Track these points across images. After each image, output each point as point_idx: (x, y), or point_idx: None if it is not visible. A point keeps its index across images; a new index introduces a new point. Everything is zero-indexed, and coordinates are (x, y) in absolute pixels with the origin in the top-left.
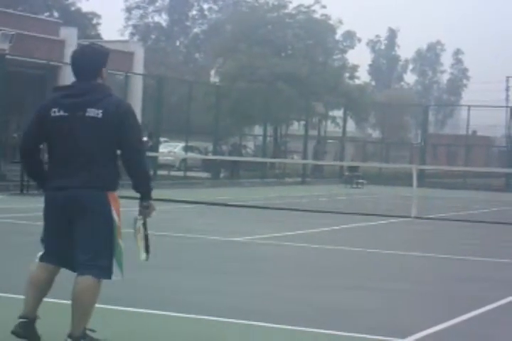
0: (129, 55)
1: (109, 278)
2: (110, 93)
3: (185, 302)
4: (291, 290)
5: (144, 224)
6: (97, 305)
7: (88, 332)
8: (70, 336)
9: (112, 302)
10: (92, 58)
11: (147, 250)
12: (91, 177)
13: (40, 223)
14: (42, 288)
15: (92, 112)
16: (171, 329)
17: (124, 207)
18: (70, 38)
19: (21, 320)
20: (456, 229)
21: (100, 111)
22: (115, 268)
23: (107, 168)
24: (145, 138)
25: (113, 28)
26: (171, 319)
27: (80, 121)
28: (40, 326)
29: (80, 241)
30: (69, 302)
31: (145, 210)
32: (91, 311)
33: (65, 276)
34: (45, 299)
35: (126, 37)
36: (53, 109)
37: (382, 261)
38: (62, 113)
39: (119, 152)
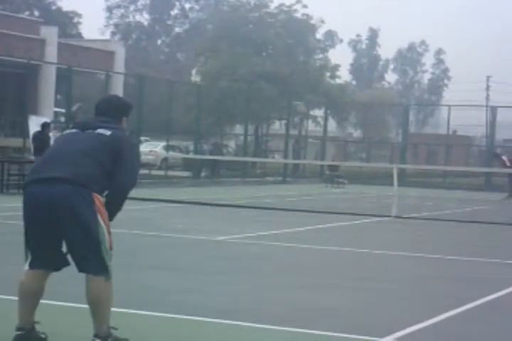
0: (110, 54)
1: (107, 274)
2: (122, 129)
3: (170, 302)
4: (273, 289)
5: None
6: (81, 305)
7: (112, 331)
8: (96, 336)
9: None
10: (117, 105)
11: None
12: (80, 173)
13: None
14: (35, 297)
15: (102, 131)
16: (156, 329)
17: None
18: (51, 36)
19: (18, 332)
20: (436, 228)
21: (109, 131)
22: (109, 265)
23: (97, 173)
24: None
25: (94, 27)
26: (156, 319)
27: (86, 135)
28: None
29: (72, 243)
30: (63, 303)
31: None
32: (109, 308)
33: (56, 278)
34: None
35: (107, 36)
36: (68, 130)
37: (363, 260)
38: (74, 130)
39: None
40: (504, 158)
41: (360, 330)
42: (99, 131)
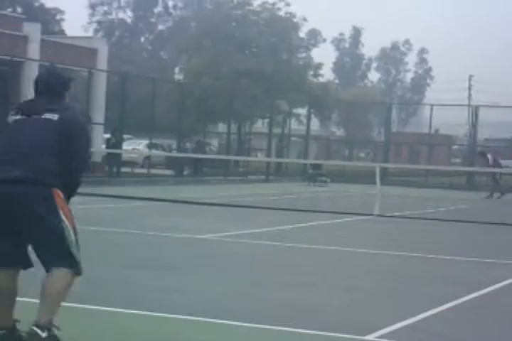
0: (93, 52)
1: (73, 268)
2: (70, 107)
3: (151, 300)
4: (256, 288)
5: None
6: (64, 304)
7: (53, 328)
8: (36, 325)
9: (76, 301)
10: (60, 81)
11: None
12: (35, 172)
13: None
14: (6, 295)
15: (48, 115)
16: (137, 327)
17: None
18: (33, 33)
19: None
20: (418, 227)
21: (56, 115)
22: (76, 259)
23: (51, 166)
24: (108, 136)
25: (77, 24)
26: (137, 317)
27: (34, 122)
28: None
29: (39, 244)
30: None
31: None
32: (60, 302)
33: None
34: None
35: (90, 33)
36: (12, 116)
37: (346, 259)
38: (19, 117)
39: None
40: (489, 156)
41: (343, 328)
42: (47, 115)
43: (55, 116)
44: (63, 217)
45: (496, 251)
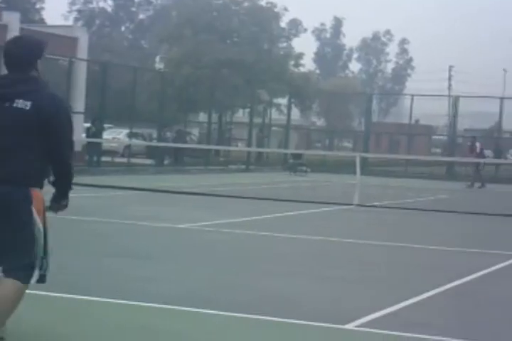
0: (73, 41)
1: (29, 282)
2: (44, 86)
3: (130, 289)
4: (236, 277)
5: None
6: (39, 292)
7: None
8: None
9: (54, 289)
10: (27, 49)
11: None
12: (10, 171)
13: None
14: None
15: (20, 103)
16: (115, 316)
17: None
18: (13, 22)
19: None
20: (398, 216)
21: (29, 102)
22: (36, 271)
23: (29, 163)
24: (88, 125)
25: (57, 12)
26: (116, 306)
27: (5, 112)
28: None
29: (2, 244)
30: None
31: (58, 207)
32: (10, 314)
33: None
34: None
35: (70, 22)
36: None
37: (326, 248)
38: None
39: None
40: (478, 144)
41: (323, 318)
42: (19, 104)
43: (27, 105)
44: (36, 220)
45: (476, 241)
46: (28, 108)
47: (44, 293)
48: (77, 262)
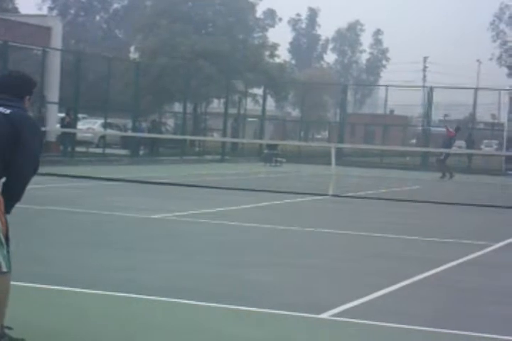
0: (47, 30)
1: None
2: (25, 110)
3: (108, 280)
4: (214, 267)
5: None
6: (21, 284)
7: (6, 330)
8: None
9: (37, 281)
10: (20, 82)
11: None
12: None
13: None
14: None
15: (1, 109)
16: (94, 307)
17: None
18: None
19: None
20: (373, 207)
21: (9, 110)
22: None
23: None
24: (62, 115)
25: (31, 1)
26: (94, 297)
27: None
28: None
29: None
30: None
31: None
32: (4, 306)
33: None
34: None
35: (44, 11)
36: None
37: (299, 238)
38: None
39: None
40: (450, 129)
41: (298, 307)
42: (0, 109)
43: (6, 111)
44: None
45: (450, 231)
46: (7, 112)
47: (22, 284)
48: (52, 252)
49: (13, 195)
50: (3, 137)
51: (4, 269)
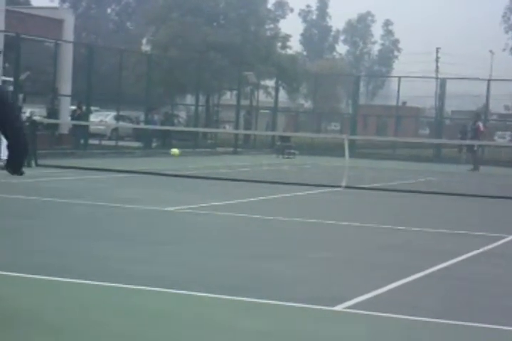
0: (59, 23)
1: None
2: None
3: (118, 272)
4: (225, 259)
5: None
6: (27, 275)
7: None
8: None
9: (43, 272)
10: None
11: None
12: None
13: None
14: None
15: None
16: (103, 299)
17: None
18: None
19: None
20: (386, 199)
21: None
22: None
23: None
24: (73, 107)
25: None
26: (104, 289)
27: None
28: None
29: None
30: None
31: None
32: None
33: None
34: None
35: (56, 3)
36: None
37: (313, 231)
38: None
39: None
40: (480, 124)
41: (311, 300)
42: None
43: None
44: None
45: (464, 223)
46: None
47: (42, 277)
48: (64, 245)
49: (21, 152)
50: None
51: None
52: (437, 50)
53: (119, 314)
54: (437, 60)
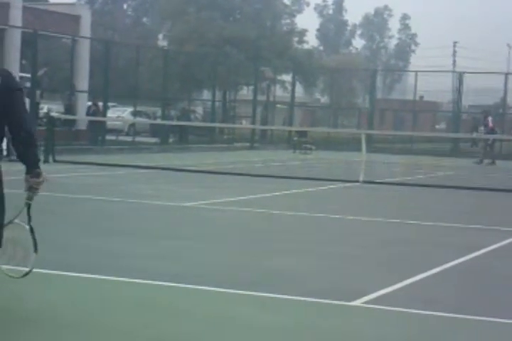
0: (76, 19)
1: None
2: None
3: (134, 267)
4: (241, 255)
5: (29, 210)
6: (48, 271)
7: None
8: None
9: (63, 268)
10: None
11: (35, 248)
12: None
13: None
14: None
15: None
16: (121, 294)
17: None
18: (15, 0)
19: None
20: (404, 193)
21: None
22: None
23: None
24: (89, 103)
25: None
26: (121, 284)
27: None
28: None
29: None
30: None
31: (35, 182)
32: None
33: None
34: None
35: (73, 0)
36: None
37: (330, 226)
38: None
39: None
40: (490, 119)
41: (329, 294)
42: None
43: None
44: None
45: (483, 217)
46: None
47: (62, 273)
48: (82, 241)
49: (31, 152)
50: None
51: None
52: (454, 44)
53: (137, 310)
54: (454, 54)
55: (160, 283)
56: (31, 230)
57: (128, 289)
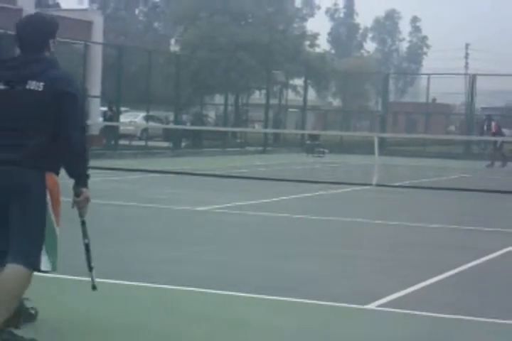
0: (88, 24)
1: (39, 268)
2: (55, 66)
3: (154, 272)
4: (255, 258)
5: (82, 227)
6: (69, 277)
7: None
8: None
9: (84, 274)
10: (39, 29)
11: (90, 266)
12: (25, 155)
13: None
14: None
15: (33, 85)
16: (140, 299)
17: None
18: (28, 6)
19: None
20: (417, 196)
21: (42, 83)
22: (44, 258)
23: (43, 146)
24: (104, 109)
25: None
26: (140, 289)
27: (19, 95)
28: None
29: (12, 227)
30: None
31: (75, 200)
32: (15, 303)
33: None
34: None
35: (85, 5)
36: None
37: (344, 229)
38: (1, 86)
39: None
40: (493, 123)
41: (344, 298)
42: (32, 85)
43: (40, 86)
44: (49, 204)
45: (497, 220)
46: (40, 89)
47: (82, 278)
48: (100, 246)
49: (78, 156)
50: (44, 117)
51: (45, 268)
52: (467, 46)
53: (152, 313)
54: (467, 56)
55: (180, 287)
56: (86, 248)
57: (145, 293)
